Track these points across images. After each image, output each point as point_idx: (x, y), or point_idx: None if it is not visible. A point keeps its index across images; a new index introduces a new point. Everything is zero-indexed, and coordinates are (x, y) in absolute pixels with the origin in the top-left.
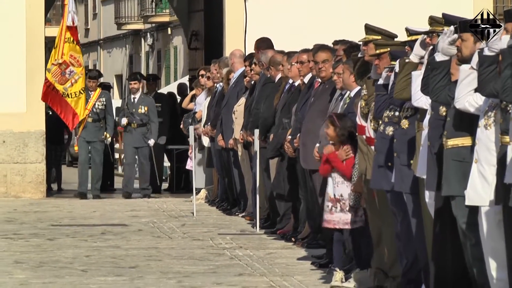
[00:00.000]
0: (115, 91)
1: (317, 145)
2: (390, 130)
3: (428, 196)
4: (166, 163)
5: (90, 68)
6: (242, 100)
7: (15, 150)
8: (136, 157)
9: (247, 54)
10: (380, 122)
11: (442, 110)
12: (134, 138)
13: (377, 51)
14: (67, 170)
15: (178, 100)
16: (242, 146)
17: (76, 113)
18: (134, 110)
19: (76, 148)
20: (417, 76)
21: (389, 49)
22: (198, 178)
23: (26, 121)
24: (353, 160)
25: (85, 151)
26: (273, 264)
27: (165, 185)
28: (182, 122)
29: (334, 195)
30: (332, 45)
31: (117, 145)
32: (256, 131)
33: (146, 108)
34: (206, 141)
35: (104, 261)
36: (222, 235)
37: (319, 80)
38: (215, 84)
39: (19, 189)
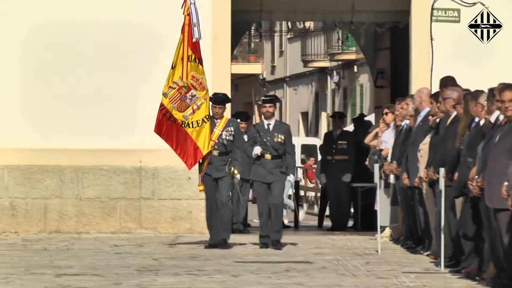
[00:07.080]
0: (301, 128)
1: (505, 183)
2: None
3: None
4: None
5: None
6: (428, 139)
7: None
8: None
9: (433, 92)
10: None
11: None
12: (266, 172)
13: None
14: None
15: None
16: (427, 184)
17: (197, 146)
18: (268, 138)
19: (200, 187)
20: None
21: None
22: (383, 216)
23: None
24: None
25: (213, 191)
26: None
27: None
28: (367, 159)
29: None
30: None
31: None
32: (442, 170)
33: (282, 137)
34: (392, 178)
35: None
36: (406, 273)
37: (505, 118)
38: (401, 122)
39: (204, 225)
